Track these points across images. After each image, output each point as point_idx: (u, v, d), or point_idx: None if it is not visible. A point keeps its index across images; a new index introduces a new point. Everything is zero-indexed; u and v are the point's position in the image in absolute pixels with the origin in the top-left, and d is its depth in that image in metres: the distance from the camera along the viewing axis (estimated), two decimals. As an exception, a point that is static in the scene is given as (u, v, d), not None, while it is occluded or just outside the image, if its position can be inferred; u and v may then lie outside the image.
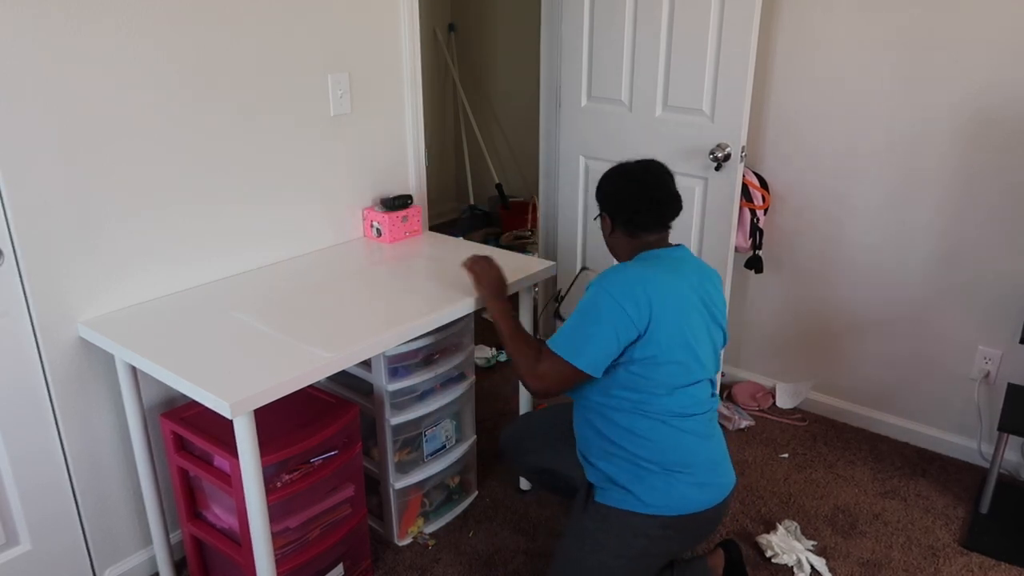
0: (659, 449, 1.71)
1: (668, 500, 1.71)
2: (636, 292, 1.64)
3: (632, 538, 1.72)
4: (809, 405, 2.97)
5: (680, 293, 1.69)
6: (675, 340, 1.67)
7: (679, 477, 1.71)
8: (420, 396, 2.14)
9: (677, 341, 1.67)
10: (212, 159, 2.00)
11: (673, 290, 1.68)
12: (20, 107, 1.62)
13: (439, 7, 4.72)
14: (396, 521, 2.20)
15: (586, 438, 1.82)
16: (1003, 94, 2.30)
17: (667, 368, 1.67)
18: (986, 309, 2.50)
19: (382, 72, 2.39)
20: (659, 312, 1.64)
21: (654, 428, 1.70)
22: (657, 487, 1.71)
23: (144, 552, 2.09)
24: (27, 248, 1.69)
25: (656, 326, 1.64)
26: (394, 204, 2.42)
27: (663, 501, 1.71)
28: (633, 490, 1.72)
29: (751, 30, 2.49)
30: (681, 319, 1.68)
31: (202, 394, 1.51)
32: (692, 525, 1.75)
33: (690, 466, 1.72)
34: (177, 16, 1.84)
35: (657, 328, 1.64)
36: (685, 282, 1.72)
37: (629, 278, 1.67)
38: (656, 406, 1.69)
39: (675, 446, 1.71)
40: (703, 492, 1.74)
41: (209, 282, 2.06)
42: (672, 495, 1.71)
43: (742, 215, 2.77)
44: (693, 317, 1.71)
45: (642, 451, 1.71)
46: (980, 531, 2.28)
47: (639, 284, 1.65)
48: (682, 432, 1.72)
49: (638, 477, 1.72)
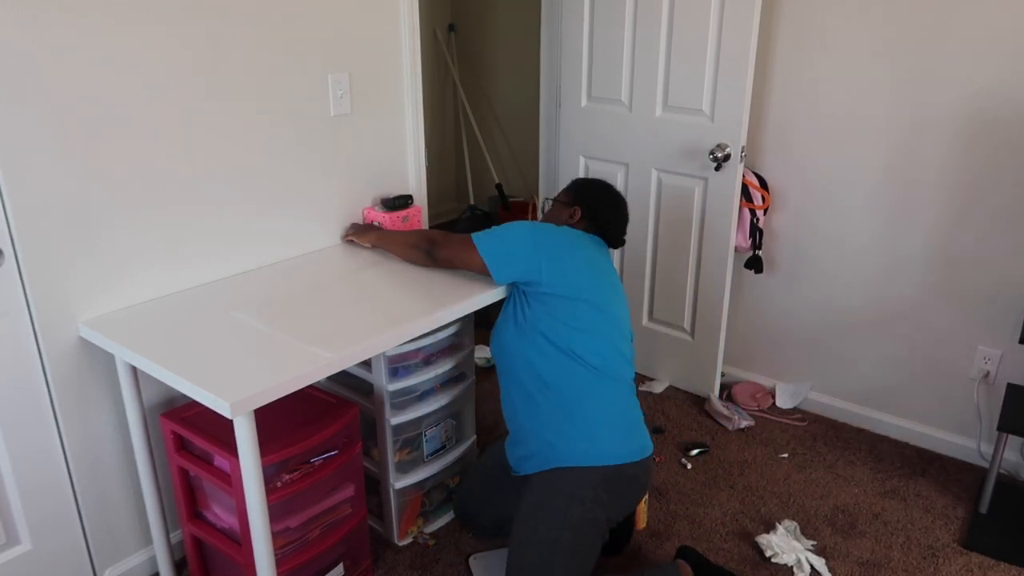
0: (579, 394, 1.85)
1: (591, 448, 1.83)
2: (555, 244, 1.91)
3: (567, 506, 1.80)
4: (809, 405, 2.97)
5: (598, 260, 1.97)
6: (586, 285, 1.90)
7: (600, 429, 1.85)
8: (420, 396, 2.14)
9: (589, 287, 1.90)
10: (212, 159, 2.00)
11: (592, 255, 1.96)
12: (20, 107, 1.62)
13: (439, 7, 4.72)
14: (396, 521, 2.20)
15: (513, 408, 1.97)
16: (1003, 94, 2.30)
17: (580, 307, 1.87)
18: (986, 309, 2.50)
19: (382, 72, 2.39)
20: (570, 260, 1.89)
21: (574, 370, 1.87)
22: (579, 437, 1.84)
23: (144, 552, 2.09)
24: (27, 248, 1.69)
25: (568, 276, 1.88)
26: (395, 204, 2.42)
27: (586, 449, 1.83)
28: (556, 445, 1.85)
29: (751, 30, 2.49)
30: (596, 275, 1.93)
31: (202, 394, 1.51)
32: (619, 482, 1.85)
33: (608, 421, 1.88)
34: (177, 16, 1.84)
35: (567, 271, 1.88)
36: (606, 259, 2.02)
37: (556, 232, 1.95)
38: (574, 343, 1.86)
39: (593, 394, 1.86)
40: (623, 445, 1.88)
41: (209, 282, 2.06)
42: (595, 444, 1.84)
43: (742, 215, 2.78)
44: (607, 280, 1.96)
45: (565, 395, 1.87)
46: (980, 531, 2.29)
47: (563, 234, 1.94)
48: (600, 381, 1.88)
49: (560, 430, 1.85)
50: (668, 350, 3.08)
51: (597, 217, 2.08)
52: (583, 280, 1.91)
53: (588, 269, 1.93)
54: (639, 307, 3.11)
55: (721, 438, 2.77)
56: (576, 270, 1.91)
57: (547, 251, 1.90)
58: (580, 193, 2.12)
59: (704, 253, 2.85)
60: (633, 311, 3.13)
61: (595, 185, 2.14)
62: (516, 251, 1.92)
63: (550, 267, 1.88)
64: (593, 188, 2.13)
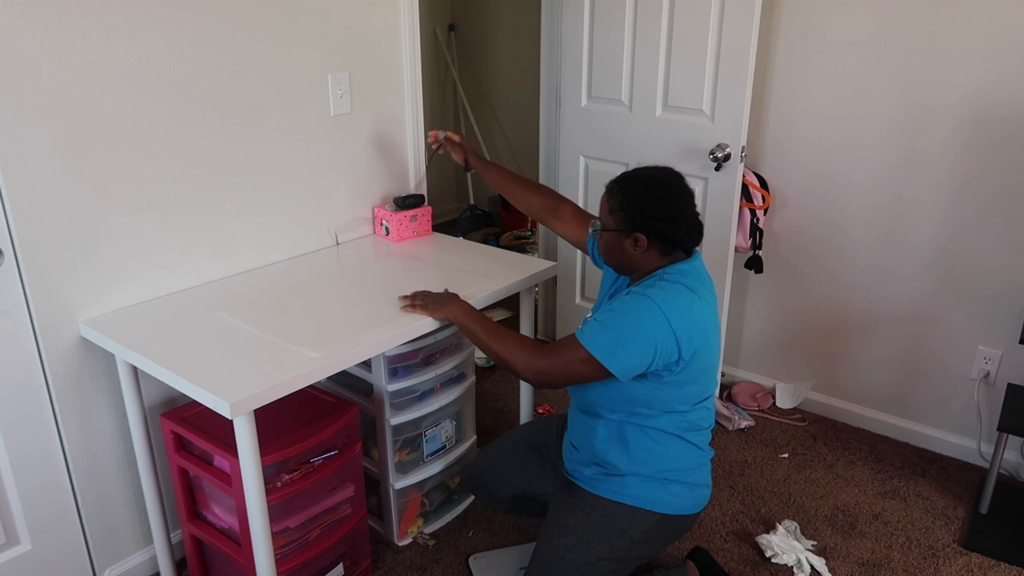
0: (666, 458, 1.72)
1: (662, 497, 1.73)
2: (691, 321, 1.59)
3: (616, 538, 1.72)
4: (809, 405, 2.97)
5: (714, 318, 1.68)
6: (708, 370, 1.68)
7: (675, 483, 1.74)
8: (420, 396, 2.14)
9: (710, 370, 1.69)
10: (212, 159, 2.00)
11: (712, 316, 1.66)
12: (21, 108, 1.62)
13: (439, 7, 4.72)
14: (396, 521, 2.20)
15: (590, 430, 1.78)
16: (1003, 93, 2.30)
17: (692, 388, 1.68)
18: (986, 309, 2.50)
19: (382, 72, 2.39)
20: (705, 346, 1.63)
21: (666, 440, 1.71)
22: (655, 483, 1.73)
23: (144, 552, 2.09)
24: (27, 248, 1.69)
25: (700, 358, 1.63)
26: (405, 203, 2.43)
27: (658, 497, 1.73)
28: (628, 483, 1.73)
29: (751, 30, 2.49)
30: (715, 350, 1.69)
31: (202, 394, 1.51)
32: (674, 528, 1.77)
33: (688, 472, 1.75)
34: (177, 17, 1.84)
35: (700, 359, 1.63)
36: (712, 302, 1.69)
37: (683, 302, 1.60)
38: (674, 422, 1.70)
39: (681, 456, 1.74)
40: (693, 495, 1.76)
41: (210, 282, 2.06)
42: (668, 493, 1.73)
43: (742, 215, 2.77)
44: (719, 340, 1.75)
45: (652, 462, 1.72)
46: (980, 531, 2.28)
47: (693, 314, 1.60)
48: (691, 445, 1.74)
49: (637, 471, 1.73)
50: (668, 350, 3.08)
51: (666, 233, 1.64)
52: (708, 367, 1.67)
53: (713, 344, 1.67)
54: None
55: (721, 438, 2.77)
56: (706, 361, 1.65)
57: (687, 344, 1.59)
58: (631, 211, 1.64)
59: (704, 253, 2.85)
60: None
61: (642, 190, 1.65)
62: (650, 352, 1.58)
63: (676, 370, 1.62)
64: (642, 196, 1.65)
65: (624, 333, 1.58)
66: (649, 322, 1.57)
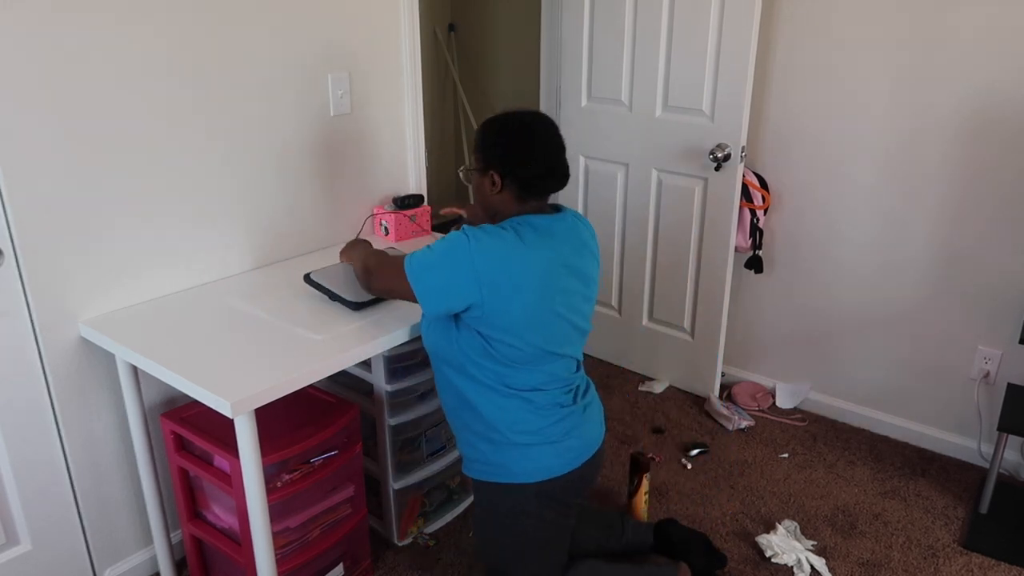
0: (513, 420, 1.72)
1: (528, 466, 1.74)
2: (499, 265, 1.58)
3: (514, 518, 1.76)
4: (809, 405, 2.97)
5: (550, 277, 1.65)
6: (534, 321, 1.63)
7: (537, 448, 1.73)
8: (420, 396, 2.14)
9: (536, 322, 1.64)
10: (212, 158, 2.00)
11: (540, 272, 1.62)
12: (21, 108, 1.62)
13: (439, 7, 4.72)
14: (396, 521, 2.20)
15: (451, 406, 1.81)
16: (1003, 93, 2.30)
17: (521, 348, 1.65)
18: (986, 309, 2.50)
19: (382, 72, 2.39)
20: (517, 293, 1.60)
21: (508, 402, 1.71)
22: (515, 458, 1.74)
23: (144, 552, 2.09)
24: (27, 248, 1.69)
25: (510, 305, 1.60)
26: (404, 203, 2.43)
27: (523, 468, 1.74)
28: (493, 461, 1.75)
29: (751, 30, 2.49)
30: (546, 303, 1.64)
31: (203, 393, 1.51)
32: (564, 488, 1.77)
33: (543, 431, 1.73)
34: (177, 16, 1.84)
35: (512, 306, 1.60)
36: (558, 260, 1.67)
37: (497, 246, 1.59)
38: (512, 380, 1.69)
39: (529, 418, 1.72)
40: (559, 458, 1.75)
41: (210, 281, 2.06)
42: (532, 463, 1.74)
43: (742, 215, 2.78)
44: (561, 301, 1.67)
45: (498, 423, 1.72)
46: (980, 531, 2.28)
47: (505, 260, 1.59)
48: (537, 405, 1.72)
49: (497, 450, 1.74)
50: (668, 350, 3.08)
51: (518, 173, 1.66)
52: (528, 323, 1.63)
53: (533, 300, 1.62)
54: (639, 307, 3.11)
55: (721, 438, 2.77)
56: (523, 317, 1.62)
57: (489, 285, 1.58)
58: (487, 150, 1.69)
59: (704, 253, 2.85)
60: (633, 311, 3.14)
61: (500, 128, 1.69)
62: (452, 284, 1.60)
63: (492, 305, 1.60)
64: (498, 135, 1.68)
65: (432, 260, 1.62)
66: (454, 254, 1.59)
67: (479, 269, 1.57)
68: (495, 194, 1.70)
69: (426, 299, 1.63)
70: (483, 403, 1.72)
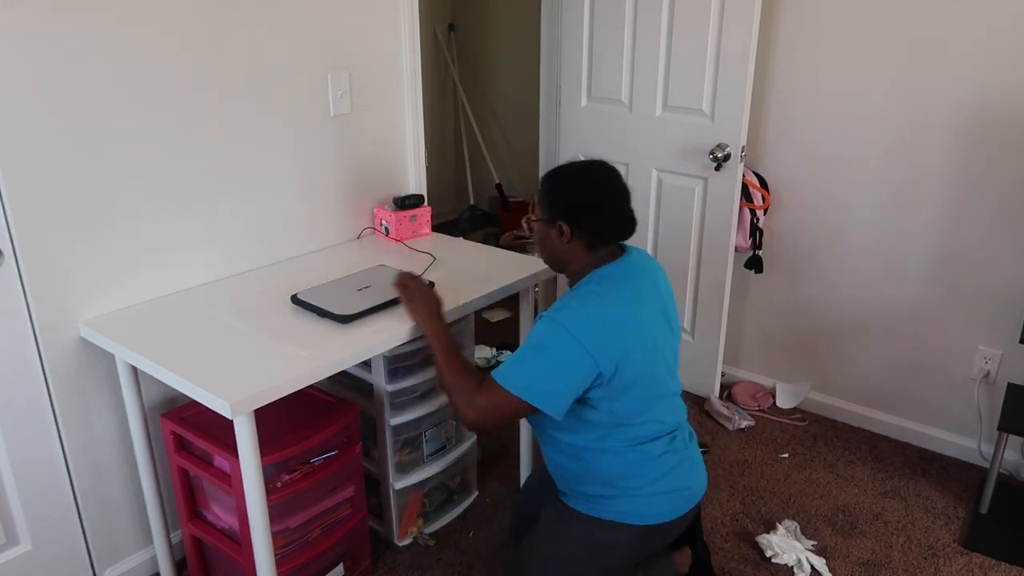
0: (634, 475, 1.69)
1: (641, 510, 1.71)
2: (604, 335, 1.55)
3: (599, 550, 1.72)
4: (809, 405, 2.97)
5: (646, 323, 1.62)
6: (643, 374, 1.61)
7: (654, 498, 1.71)
8: (420, 396, 2.14)
9: (645, 374, 1.62)
10: (212, 159, 2.00)
11: (639, 324, 1.60)
12: (21, 107, 1.62)
13: (439, 7, 4.72)
14: (396, 521, 2.20)
15: (557, 463, 1.77)
16: (1003, 94, 2.30)
17: (632, 400, 1.62)
18: (986, 309, 2.50)
19: (382, 72, 2.39)
20: (628, 353, 1.57)
21: (622, 455, 1.67)
22: (629, 503, 1.71)
23: (144, 552, 2.09)
24: (27, 248, 1.69)
25: (625, 367, 1.57)
26: (404, 203, 2.43)
27: (634, 510, 1.71)
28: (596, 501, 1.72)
29: (751, 30, 2.49)
30: (649, 351, 1.62)
31: (203, 394, 1.51)
32: (659, 535, 1.76)
33: (658, 481, 1.70)
34: (176, 18, 1.84)
35: (626, 368, 1.57)
36: (646, 303, 1.65)
37: (594, 318, 1.56)
38: (622, 435, 1.66)
39: (646, 468, 1.69)
40: (668, 503, 1.72)
41: (210, 282, 2.06)
42: (645, 507, 1.71)
43: (742, 215, 2.78)
44: (659, 343, 1.66)
45: (617, 479, 1.69)
46: (980, 531, 2.28)
47: (607, 326, 1.56)
48: (650, 455, 1.69)
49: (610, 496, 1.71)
50: (668, 350, 3.08)
51: (586, 223, 1.65)
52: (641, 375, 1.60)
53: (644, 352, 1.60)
54: (639, 307, 3.11)
55: (721, 438, 2.77)
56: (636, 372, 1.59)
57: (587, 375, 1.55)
58: (555, 201, 1.67)
59: (704, 253, 2.85)
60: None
61: (568, 180, 1.67)
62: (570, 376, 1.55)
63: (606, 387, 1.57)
64: (567, 186, 1.67)
65: (542, 370, 1.56)
66: (564, 351, 1.54)
67: (592, 350, 1.53)
68: (564, 244, 1.67)
69: (550, 404, 1.56)
70: (602, 462, 1.68)
